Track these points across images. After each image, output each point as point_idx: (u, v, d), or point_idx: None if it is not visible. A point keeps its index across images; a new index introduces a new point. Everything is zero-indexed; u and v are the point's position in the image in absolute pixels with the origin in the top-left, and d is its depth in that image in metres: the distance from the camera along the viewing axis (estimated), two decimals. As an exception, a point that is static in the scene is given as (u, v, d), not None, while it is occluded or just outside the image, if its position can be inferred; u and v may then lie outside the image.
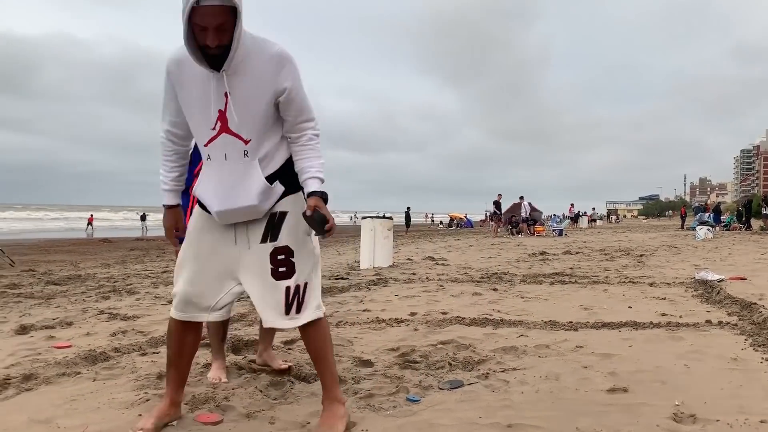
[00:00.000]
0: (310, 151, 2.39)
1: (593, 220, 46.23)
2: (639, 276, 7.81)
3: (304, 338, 2.45)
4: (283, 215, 2.37)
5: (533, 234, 25.42)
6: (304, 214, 2.29)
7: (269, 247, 2.35)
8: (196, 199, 2.48)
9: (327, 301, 5.82)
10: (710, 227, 22.44)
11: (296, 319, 2.36)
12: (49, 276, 8.84)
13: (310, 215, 2.26)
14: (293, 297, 2.34)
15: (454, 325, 4.49)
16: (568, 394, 2.80)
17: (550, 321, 4.55)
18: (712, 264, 9.47)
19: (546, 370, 3.18)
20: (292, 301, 2.34)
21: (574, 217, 39.11)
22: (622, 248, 14.24)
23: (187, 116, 2.38)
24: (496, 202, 26.10)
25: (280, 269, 2.34)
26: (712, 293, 5.92)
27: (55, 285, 7.68)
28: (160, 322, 4.63)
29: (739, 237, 20.48)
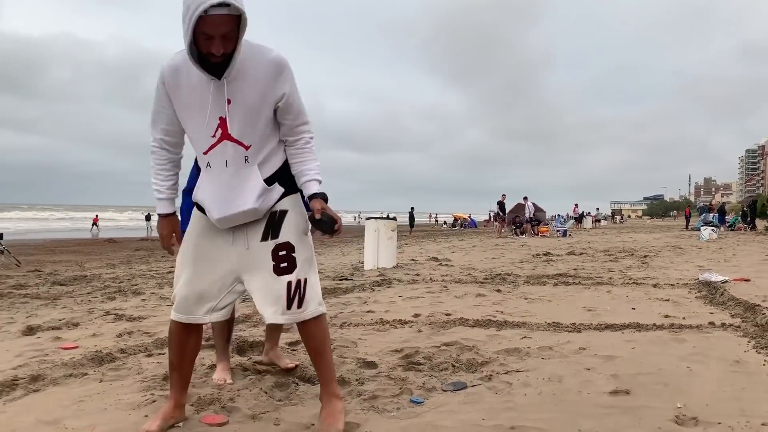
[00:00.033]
0: (307, 154, 2.45)
1: (597, 221, 46.15)
2: (643, 277, 7.81)
3: (305, 334, 2.46)
4: (284, 213, 2.42)
5: (537, 234, 25.42)
6: (313, 217, 2.35)
7: (270, 244, 2.39)
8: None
9: (331, 302, 5.86)
10: (714, 228, 22.38)
11: (297, 315, 2.38)
12: (55, 276, 8.90)
13: (320, 218, 2.32)
14: (294, 292, 2.36)
15: (458, 326, 4.51)
16: (571, 396, 2.82)
17: (554, 323, 4.57)
18: (716, 265, 9.47)
19: (549, 372, 3.20)
20: (294, 296, 2.36)
21: (579, 218, 39.09)
22: (626, 249, 14.24)
23: (184, 124, 2.38)
24: (500, 202, 26.09)
25: (282, 265, 2.37)
26: (715, 295, 5.93)
27: (61, 285, 7.74)
28: (165, 323, 4.66)
29: (744, 237, 20.45)
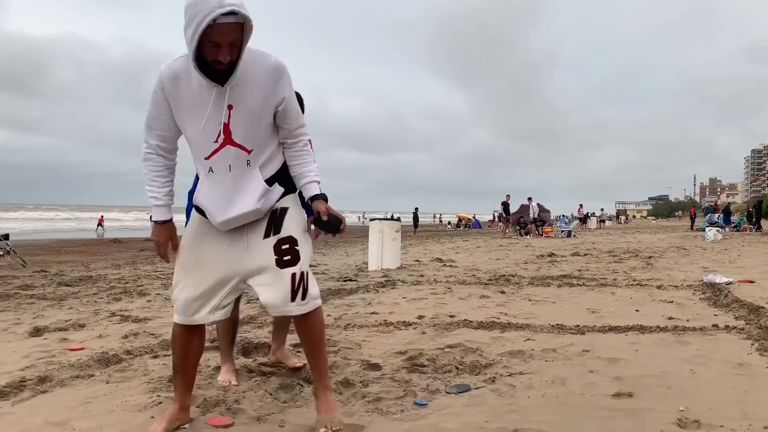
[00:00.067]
0: (306, 156, 2.52)
1: (602, 221, 46.06)
2: (647, 278, 7.81)
3: (303, 327, 2.49)
4: (285, 210, 2.47)
5: (541, 235, 25.39)
6: (320, 218, 2.44)
7: (273, 239, 2.42)
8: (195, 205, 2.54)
9: (335, 303, 5.88)
10: (719, 228, 22.32)
11: (302, 306, 2.41)
12: (60, 277, 8.94)
13: (327, 219, 2.42)
14: (299, 283, 2.39)
15: (462, 328, 4.53)
16: (574, 398, 2.83)
17: (557, 325, 4.58)
18: (721, 266, 9.46)
19: (552, 375, 3.21)
20: (298, 288, 2.39)
21: (583, 218, 39.01)
22: (630, 250, 14.22)
23: (185, 130, 2.39)
24: (505, 203, 26.09)
25: (285, 258, 2.40)
26: (719, 296, 5.93)
27: (66, 286, 7.78)
28: (170, 325, 4.63)
29: (749, 238, 20.39)
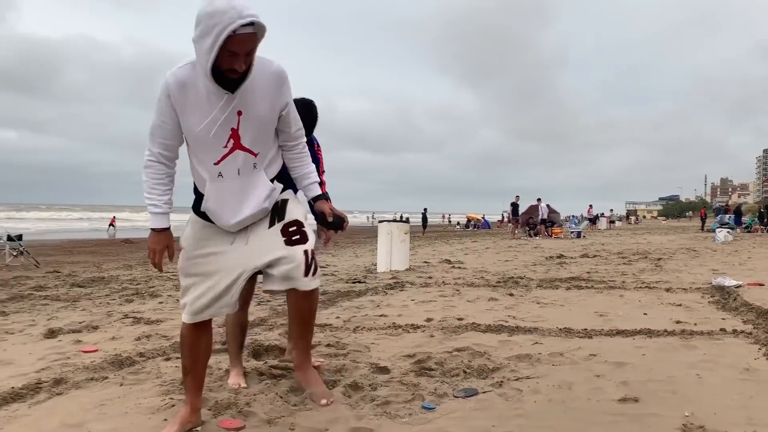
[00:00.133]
0: (306, 158, 2.66)
1: (612, 222, 45.88)
2: (656, 281, 7.81)
3: (303, 303, 2.57)
4: (285, 201, 2.58)
5: (551, 236, 25.34)
6: (325, 219, 2.59)
7: (279, 225, 2.51)
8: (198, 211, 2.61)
9: (344, 306, 5.93)
10: (730, 229, 22.19)
11: (312, 281, 2.50)
12: (73, 278, 9.05)
13: (332, 220, 2.60)
14: (311, 259, 2.48)
15: (470, 331, 4.56)
16: (580, 403, 2.86)
17: (565, 328, 4.60)
18: (731, 268, 9.43)
19: (559, 379, 3.24)
20: (311, 263, 2.47)
21: (593, 219, 38.88)
22: (640, 251, 14.19)
23: (193, 137, 2.42)
24: (514, 203, 26.06)
25: (294, 237, 2.49)
26: (728, 300, 5.93)
27: (79, 287, 7.87)
28: (182, 327, 4.76)
29: (760, 239, 20.28)
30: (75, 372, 3.46)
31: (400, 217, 42.07)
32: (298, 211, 2.58)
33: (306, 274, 2.45)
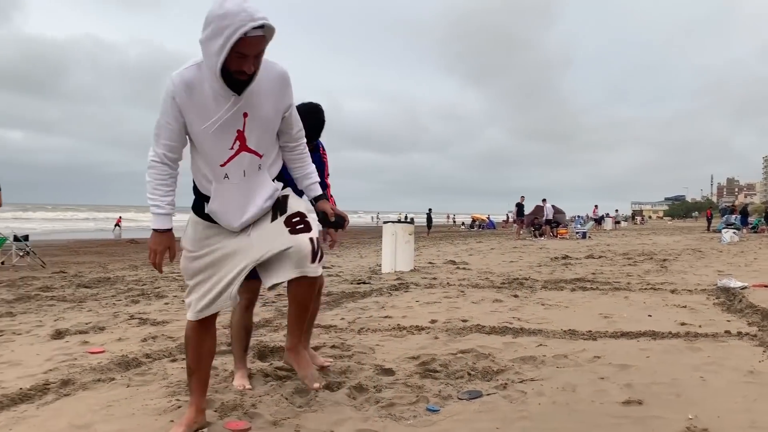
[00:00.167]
0: (306, 158, 2.71)
1: (617, 222, 45.78)
2: (661, 282, 7.80)
3: (304, 288, 2.57)
4: (285, 196, 2.61)
5: (556, 236, 25.32)
6: (327, 218, 2.65)
7: (282, 218, 2.53)
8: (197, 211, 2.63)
9: (349, 307, 5.95)
10: (736, 230, 22.12)
11: (318, 268, 2.51)
12: (79, 278, 9.09)
13: (334, 220, 2.68)
14: (317, 247, 2.50)
15: (474, 333, 4.57)
16: (584, 406, 2.87)
17: (570, 330, 4.61)
18: (736, 270, 9.41)
19: (563, 381, 3.25)
20: (317, 250, 2.49)
21: (598, 219, 38.81)
22: (645, 252, 14.17)
23: (199, 138, 2.43)
24: (519, 204, 26.03)
25: (298, 227, 2.50)
26: (733, 301, 5.92)
27: (85, 288, 7.91)
28: (188, 328, 4.78)
29: (767, 240, 20.19)
30: (82, 373, 3.49)
31: (405, 217, 41.98)
32: (300, 204, 2.61)
33: (313, 261, 2.47)
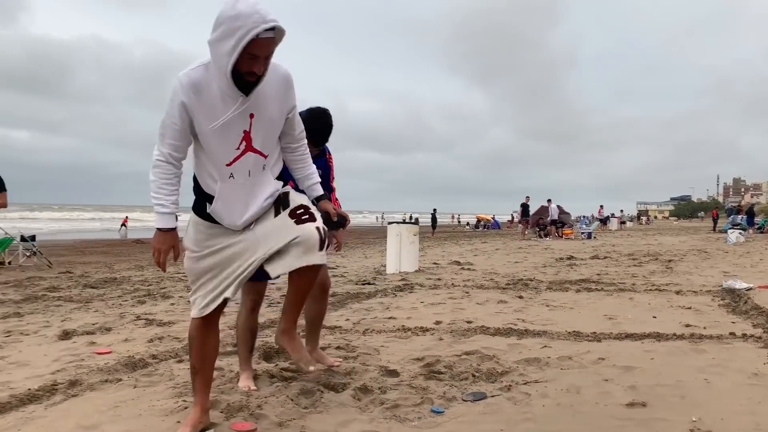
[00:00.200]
0: (308, 159, 2.77)
1: (623, 222, 45.65)
2: (666, 283, 7.80)
3: (308, 277, 2.60)
4: (286, 193, 2.64)
5: (561, 237, 25.28)
6: (329, 218, 2.70)
7: (286, 212, 2.57)
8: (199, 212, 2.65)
9: (354, 308, 5.97)
10: (742, 230, 22.04)
11: (324, 256, 2.56)
12: (86, 279, 9.14)
13: (336, 220, 2.74)
14: (324, 236, 2.54)
15: (479, 334, 4.58)
16: (588, 407, 2.88)
17: (574, 331, 4.61)
18: (742, 270, 9.39)
19: (567, 383, 3.26)
20: (324, 238, 2.53)
21: (604, 220, 38.71)
22: (650, 253, 14.14)
23: (205, 139, 2.45)
24: (524, 204, 26.00)
25: (303, 217, 2.54)
26: (738, 303, 5.91)
27: (92, 288, 7.96)
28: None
29: (773, 241, 20.11)
30: (90, 374, 3.52)
31: (410, 217, 41.91)
32: (302, 198, 2.67)
33: (320, 249, 2.51)
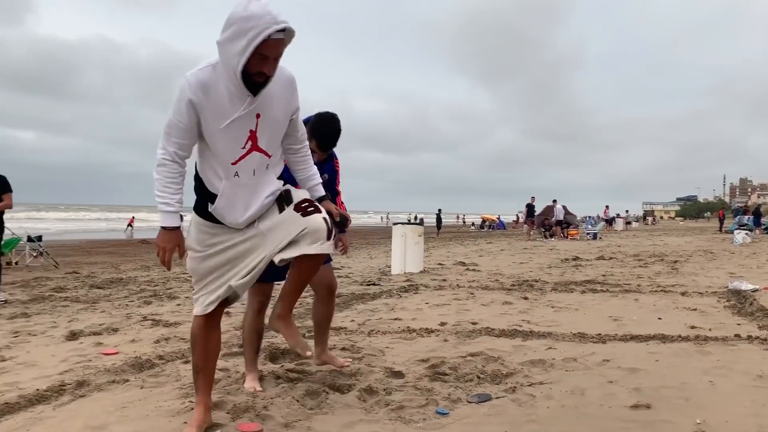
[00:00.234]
0: (310, 160, 2.80)
1: (628, 222, 45.53)
2: (671, 284, 7.78)
3: (312, 265, 2.63)
4: (288, 190, 2.68)
5: (567, 237, 25.23)
6: (333, 219, 2.71)
7: (290, 207, 2.60)
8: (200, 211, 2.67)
9: (359, 308, 5.98)
10: (749, 231, 21.95)
11: (331, 246, 2.60)
12: (92, 279, 9.20)
13: (338, 220, 2.77)
14: (331, 226, 2.58)
15: (484, 336, 4.59)
16: (592, 409, 2.89)
17: (579, 333, 4.62)
18: (748, 271, 9.37)
19: (572, 385, 3.27)
20: (331, 228, 2.57)
21: (609, 220, 38.62)
22: (656, 253, 14.11)
23: (212, 138, 2.47)
24: (529, 204, 25.96)
25: (309, 209, 2.58)
26: (744, 304, 5.90)
27: (98, 289, 8.00)
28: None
29: (779, 242, 20.03)
30: (97, 374, 3.55)
31: (415, 217, 41.86)
32: (304, 194, 2.70)
33: (329, 237, 2.55)
